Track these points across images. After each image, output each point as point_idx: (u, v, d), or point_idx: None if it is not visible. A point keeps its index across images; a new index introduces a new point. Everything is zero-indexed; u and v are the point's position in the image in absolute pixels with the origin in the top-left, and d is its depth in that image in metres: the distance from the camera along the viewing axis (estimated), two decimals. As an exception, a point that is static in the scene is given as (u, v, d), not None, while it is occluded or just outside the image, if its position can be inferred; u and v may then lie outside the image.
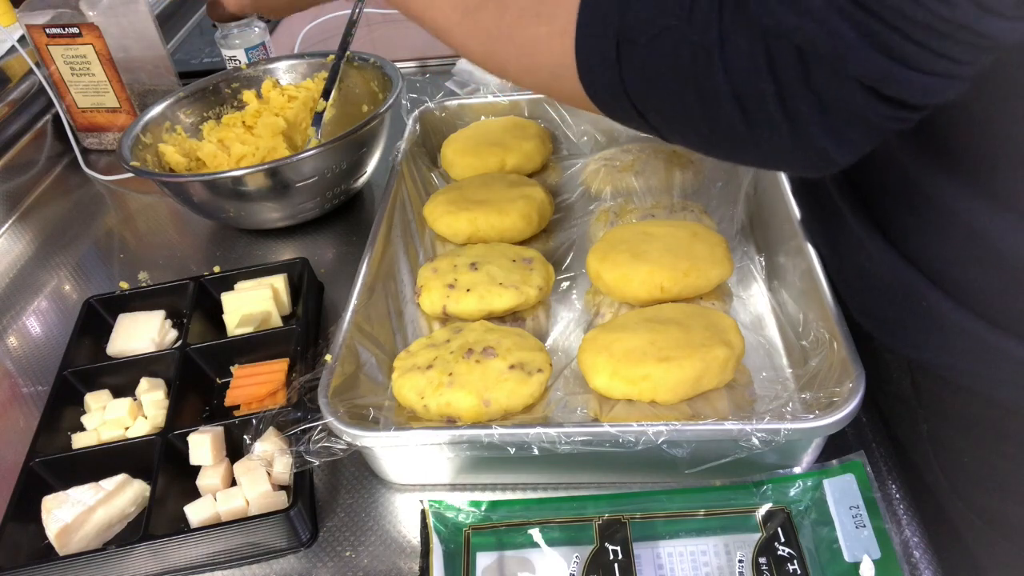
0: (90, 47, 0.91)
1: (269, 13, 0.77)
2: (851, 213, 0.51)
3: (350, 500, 0.54)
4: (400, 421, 0.54)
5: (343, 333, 0.55)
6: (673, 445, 0.46)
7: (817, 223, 0.58)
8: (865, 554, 0.43)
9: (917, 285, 0.46)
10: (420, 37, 1.14)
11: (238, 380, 0.61)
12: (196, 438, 0.54)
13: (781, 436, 0.45)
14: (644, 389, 0.51)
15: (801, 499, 0.47)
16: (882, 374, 0.54)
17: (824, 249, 0.56)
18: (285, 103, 0.87)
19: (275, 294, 0.66)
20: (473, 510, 0.49)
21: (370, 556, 0.51)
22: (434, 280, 0.63)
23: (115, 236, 0.86)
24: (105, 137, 0.99)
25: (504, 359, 0.54)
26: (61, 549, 0.51)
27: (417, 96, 0.81)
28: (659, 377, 0.51)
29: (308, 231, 0.80)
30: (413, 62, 1.07)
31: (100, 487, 0.53)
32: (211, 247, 0.81)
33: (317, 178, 0.73)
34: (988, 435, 0.49)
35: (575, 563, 0.45)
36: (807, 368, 0.52)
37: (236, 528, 0.50)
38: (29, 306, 0.78)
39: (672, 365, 0.51)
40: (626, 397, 0.52)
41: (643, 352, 0.52)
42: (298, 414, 0.54)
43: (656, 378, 0.51)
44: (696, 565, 0.45)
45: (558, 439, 0.46)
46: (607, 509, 0.48)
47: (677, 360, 0.51)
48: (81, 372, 0.62)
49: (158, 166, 0.81)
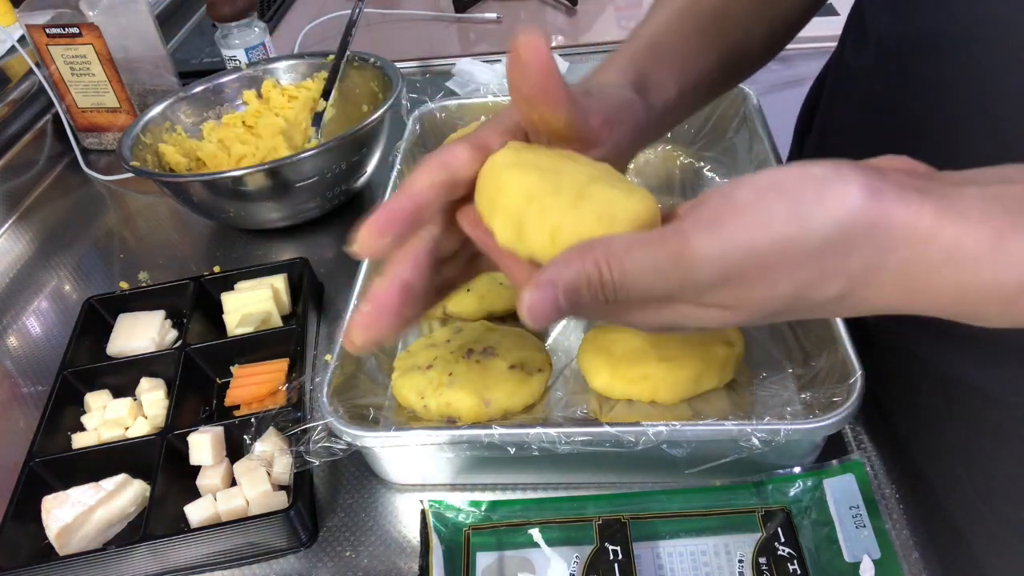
0: (90, 47, 0.91)
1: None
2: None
3: (350, 500, 0.54)
4: (400, 421, 0.54)
5: (343, 333, 0.55)
6: (673, 445, 0.46)
7: None
8: (865, 554, 0.43)
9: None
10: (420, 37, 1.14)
11: (238, 380, 0.61)
12: (196, 438, 0.54)
13: (781, 436, 0.45)
14: (644, 389, 0.51)
15: (801, 499, 0.47)
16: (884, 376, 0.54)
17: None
18: (285, 103, 0.87)
19: (275, 294, 0.66)
20: (473, 510, 0.49)
21: (370, 556, 0.51)
22: (434, 280, 0.62)
23: (115, 236, 0.86)
24: (105, 137, 0.99)
25: (504, 359, 0.54)
26: (61, 549, 0.51)
27: (417, 96, 0.81)
28: (659, 377, 0.51)
29: (308, 231, 0.80)
30: (413, 62, 1.07)
31: (100, 487, 0.53)
32: (211, 247, 0.81)
33: (317, 178, 0.73)
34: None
35: (575, 563, 0.45)
36: (807, 368, 0.52)
37: (236, 528, 0.50)
38: (29, 306, 0.78)
39: (672, 365, 0.51)
40: (626, 397, 0.52)
41: (643, 352, 0.52)
42: (298, 414, 0.54)
43: (656, 378, 0.51)
44: (696, 565, 0.45)
45: (558, 439, 0.46)
46: (607, 509, 0.48)
47: (677, 360, 0.51)
48: (81, 372, 0.62)
49: (158, 166, 0.81)
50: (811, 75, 0.72)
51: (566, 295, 0.34)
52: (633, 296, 0.34)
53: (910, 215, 0.31)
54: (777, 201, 0.32)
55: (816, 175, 0.32)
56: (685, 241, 0.32)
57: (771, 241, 0.31)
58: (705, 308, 0.34)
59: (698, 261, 0.32)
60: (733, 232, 0.32)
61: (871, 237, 0.31)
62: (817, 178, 0.32)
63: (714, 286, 0.33)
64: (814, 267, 0.31)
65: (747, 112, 0.71)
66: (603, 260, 0.33)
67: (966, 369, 0.52)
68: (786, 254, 0.31)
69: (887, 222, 0.31)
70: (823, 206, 0.31)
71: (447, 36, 1.14)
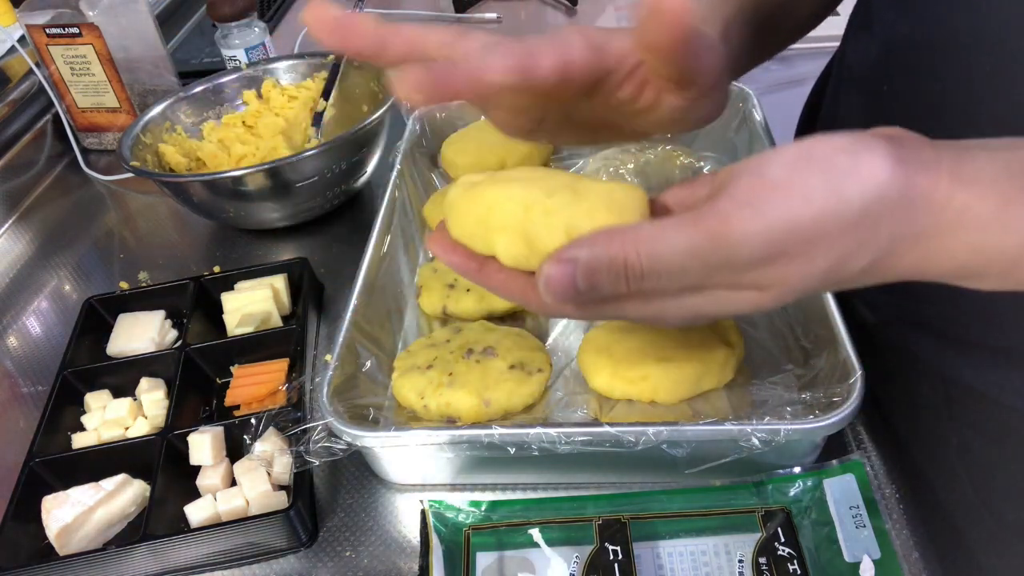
0: (90, 47, 0.91)
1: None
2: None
3: (350, 500, 0.54)
4: (400, 421, 0.54)
5: (343, 333, 0.55)
6: (673, 445, 0.46)
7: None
8: (865, 554, 0.43)
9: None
10: (420, 37, 1.14)
11: (238, 380, 0.61)
12: (196, 438, 0.54)
13: (781, 436, 0.45)
14: (644, 389, 0.51)
15: (801, 499, 0.47)
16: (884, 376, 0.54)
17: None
18: (285, 103, 0.87)
19: (275, 294, 0.66)
20: (473, 510, 0.49)
21: (370, 556, 0.51)
22: (434, 280, 0.63)
23: (115, 236, 0.86)
24: (105, 137, 0.99)
25: (504, 359, 0.54)
26: (61, 549, 0.51)
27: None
28: (659, 377, 0.51)
29: (308, 231, 0.80)
30: (413, 62, 1.06)
31: (100, 487, 0.53)
32: (211, 247, 0.81)
33: (317, 178, 0.73)
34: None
35: (575, 563, 0.45)
36: (807, 368, 0.52)
37: (236, 528, 0.50)
38: (29, 306, 0.78)
39: (672, 365, 0.51)
40: (626, 397, 0.52)
41: (643, 352, 0.52)
42: (298, 414, 0.54)
43: (656, 378, 0.51)
44: (696, 565, 0.45)
45: (558, 439, 0.46)
46: (607, 509, 0.48)
47: (677, 360, 0.51)
48: (81, 372, 0.62)
49: (158, 166, 0.81)
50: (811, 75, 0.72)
51: (585, 275, 0.33)
52: (663, 282, 0.33)
53: (929, 182, 0.31)
54: (812, 174, 0.32)
55: (843, 146, 0.32)
56: (725, 220, 0.32)
57: (812, 215, 0.31)
58: (739, 291, 0.34)
59: (740, 239, 0.32)
60: (774, 208, 0.31)
61: (899, 206, 0.31)
62: (846, 149, 0.32)
63: (754, 266, 0.32)
64: (850, 239, 0.32)
65: (747, 112, 0.71)
66: (631, 244, 0.33)
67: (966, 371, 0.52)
68: (826, 227, 0.31)
69: (912, 190, 0.31)
70: (858, 176, 0.31)
71: (447, 36, 1.13)
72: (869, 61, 0.55)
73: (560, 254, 0.34)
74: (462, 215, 0.40)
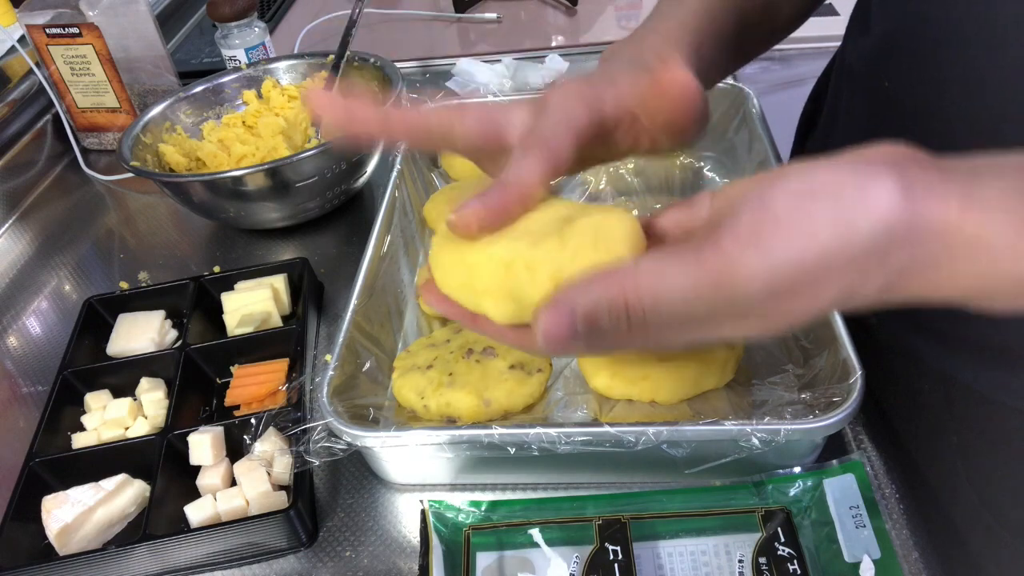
0: (90, 47, 0.91)
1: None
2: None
3: (350, 500, 0.54)
4: (400, 421, 0.54)
5: (343, 333, 0.55)
6: (673, 445, 0.46)
7: None
8: (865, 554, 0.43)
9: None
10: (420, 37, 1.14)
11: (238, 380, 0.61)
12: (196, 438, 0.54)
13: (781, 436, 0.45)
14: (644, 389, 0.51)
15: (801, 499, 0.47)
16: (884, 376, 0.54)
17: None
18: (285, 103, 0.87)
19: (275, 294, 0.66)
20: (473, 510, 0.49)
21: (370, 556, 0.51)
22: (434, 280, 0.62)
23: (115, 236, 0.86)
24: (105, 137, 0.99)
25: (504, 359, 0.54)
26: (61, 549, 0.51)
27: (417, 96, 0.81)
28: (659, 377, 0.51)
29: (308, 231, 0.80)
30: (413, 62, 1.07)
31: (100, 487, 0.53)
32: (211, 247, 0.81)
33: (317, 178, 0.73)
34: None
35: (575, 563, 0.45)
36: (807, 368, 0.52)
37: (236, 528, 0.50)
38: (29, 306, 0.78)
39: (672, 365, 0.51)
40: (626, 397, 0.52)
41: (643, 352, 0.52)
42: (298, 414, 0.54)
43: (656, 378, 0.51)
44: (696, 565, 0.45)
45: (558, 439, 0.46)
46: (607, 509, 0.48)
47: (677, 360, 0.51)
48: (81, 372, 0.62)
49: (158, 166, 0.81)
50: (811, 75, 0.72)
51: (585, 320, 0.33)
52: (665, 320, 0.33)
53: (939, 211, 0.30)
54: (818, 208, 0.31)
55: (849, 176, 0.32)
56: (729, 261, 0.32)
57: (818, 253, 0.31)
58: (745, 319, 0.34)
59: (746, 281, 0.31)
60: (779, 246, 0.31)
61: (907, 239, 0.31)
62: (851, 179, 0.31)
63: (760, 303, 0.32)
64: (857, 272, 0.31)
65: (747, 112, 0.71)
66: (631, 286, 0.32)
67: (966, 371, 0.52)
68: (832, 264, 0.31)
69: (921, 219, 0.30)
70: (865, 208, 0.31)
71: (447, 36, 1.14)
72: (869, 60, 0.55)
73: (553, 300, 0.34)
74: (446, 275, 0.39)
